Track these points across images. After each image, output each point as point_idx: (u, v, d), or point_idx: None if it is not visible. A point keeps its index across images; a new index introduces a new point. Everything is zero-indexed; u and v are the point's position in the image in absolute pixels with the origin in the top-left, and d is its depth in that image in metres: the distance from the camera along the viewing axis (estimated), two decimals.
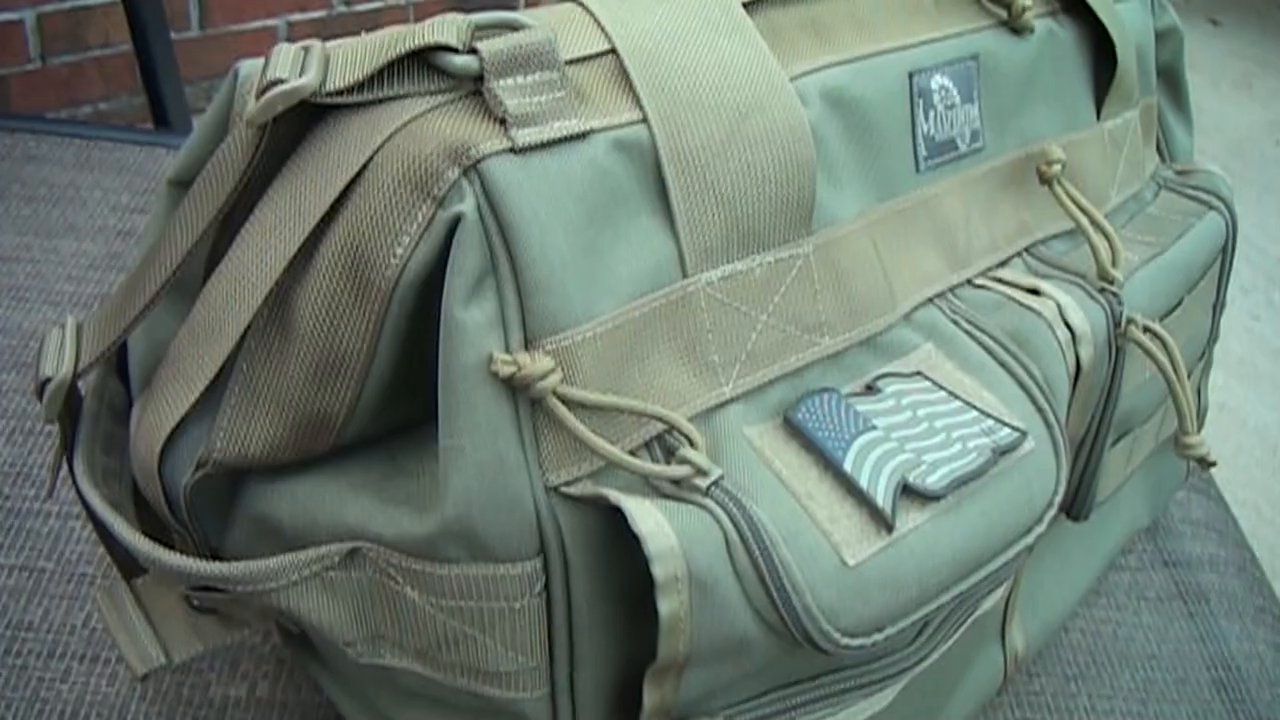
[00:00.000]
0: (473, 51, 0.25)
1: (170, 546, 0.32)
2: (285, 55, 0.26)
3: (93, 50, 1.36)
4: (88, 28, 1.35)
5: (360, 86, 0.25)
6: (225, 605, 0.30)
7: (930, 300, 0.34)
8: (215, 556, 0.31)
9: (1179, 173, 0.51)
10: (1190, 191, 0.48)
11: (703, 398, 0.27)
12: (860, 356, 0.31)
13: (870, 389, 0.30)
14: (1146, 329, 0.37)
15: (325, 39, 0.27)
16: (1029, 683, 0.44)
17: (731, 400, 0.28)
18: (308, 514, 0.27)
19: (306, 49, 0.26)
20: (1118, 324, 0.36)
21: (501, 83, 0.25)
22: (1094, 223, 0.38)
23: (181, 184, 0.29)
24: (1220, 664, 0.47)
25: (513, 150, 0.25)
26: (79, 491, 0.30)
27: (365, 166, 0.25)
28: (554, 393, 0.24)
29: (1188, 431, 0.37)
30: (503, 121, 0.25)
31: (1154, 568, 0.52)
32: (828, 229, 0.30)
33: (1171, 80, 0.52)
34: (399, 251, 0.25)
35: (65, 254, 0.62)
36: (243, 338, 0.27)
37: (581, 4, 0.29)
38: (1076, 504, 0.40)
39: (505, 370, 0.24)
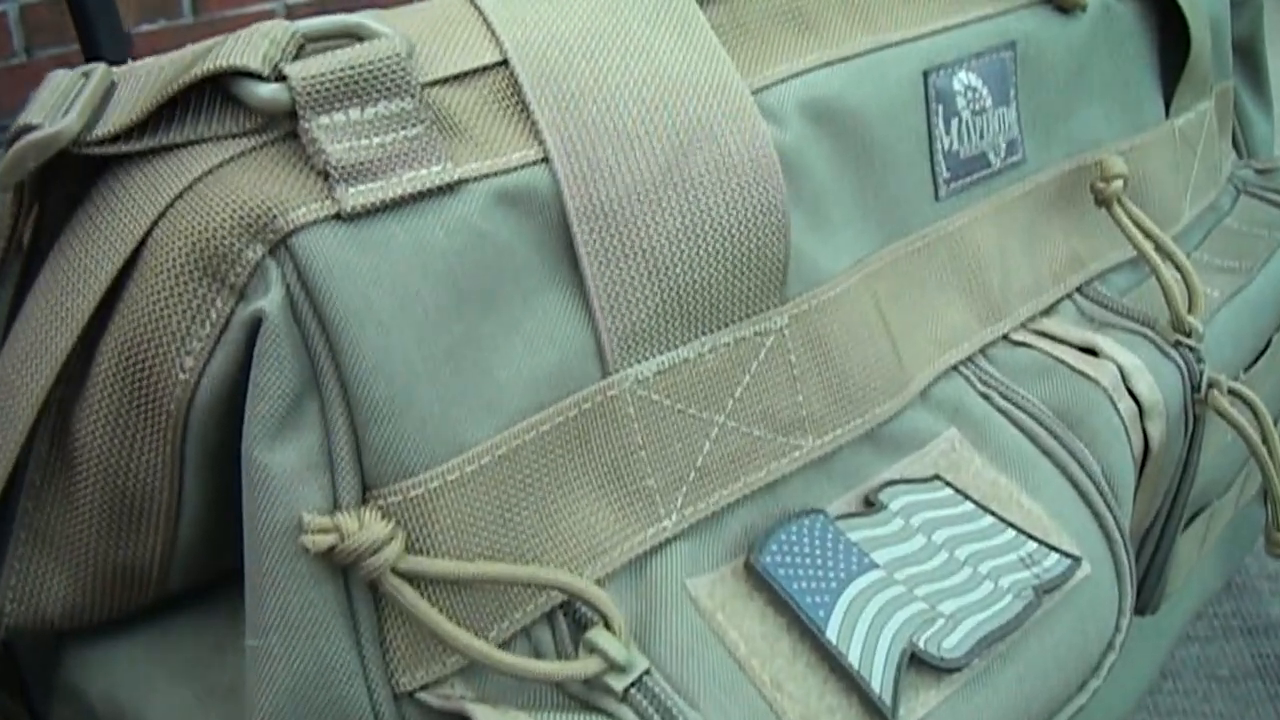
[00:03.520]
0: (282, 78, 0.18)
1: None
2: (54, 88, 0.19)
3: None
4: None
5: (137, 130, 0.18)
6: None
7: (954, 368, 0.26)
8: None
9: (1260, 172, 0.43)
10: (1274, 197, 0.40)
11: (633, 539, 0.20)
12: (859, 455, 0.24)
13: (870, 504, 0.23)
14: (1231, 391, 0.29)
15: None
16: None
17: (674, 539, 0.21)
18: (114, 703, 0.21)
19: (86, 75, 0.19)
20: (1196, 388, 0.28)
21: (322, 120, 0.18)
22: (1165, 253, 0.30)
23: None
24: None
25: (338, 216, 0.17)
26: None
27: (142, 243, 0.18)
28: (394, 570, 0.17)
29: None
30: (325, 175, 0.18)
31: (1227, 637, 0.45)
32: (811, 292, 0.23)
33: (1249, 58, 0.44)
34: (188, 363, 0.18)
35: None
36: (21, 468, 0.20)
37: None
38: (1143, 598, 0.32)
39: (321, 542, 0.17)
